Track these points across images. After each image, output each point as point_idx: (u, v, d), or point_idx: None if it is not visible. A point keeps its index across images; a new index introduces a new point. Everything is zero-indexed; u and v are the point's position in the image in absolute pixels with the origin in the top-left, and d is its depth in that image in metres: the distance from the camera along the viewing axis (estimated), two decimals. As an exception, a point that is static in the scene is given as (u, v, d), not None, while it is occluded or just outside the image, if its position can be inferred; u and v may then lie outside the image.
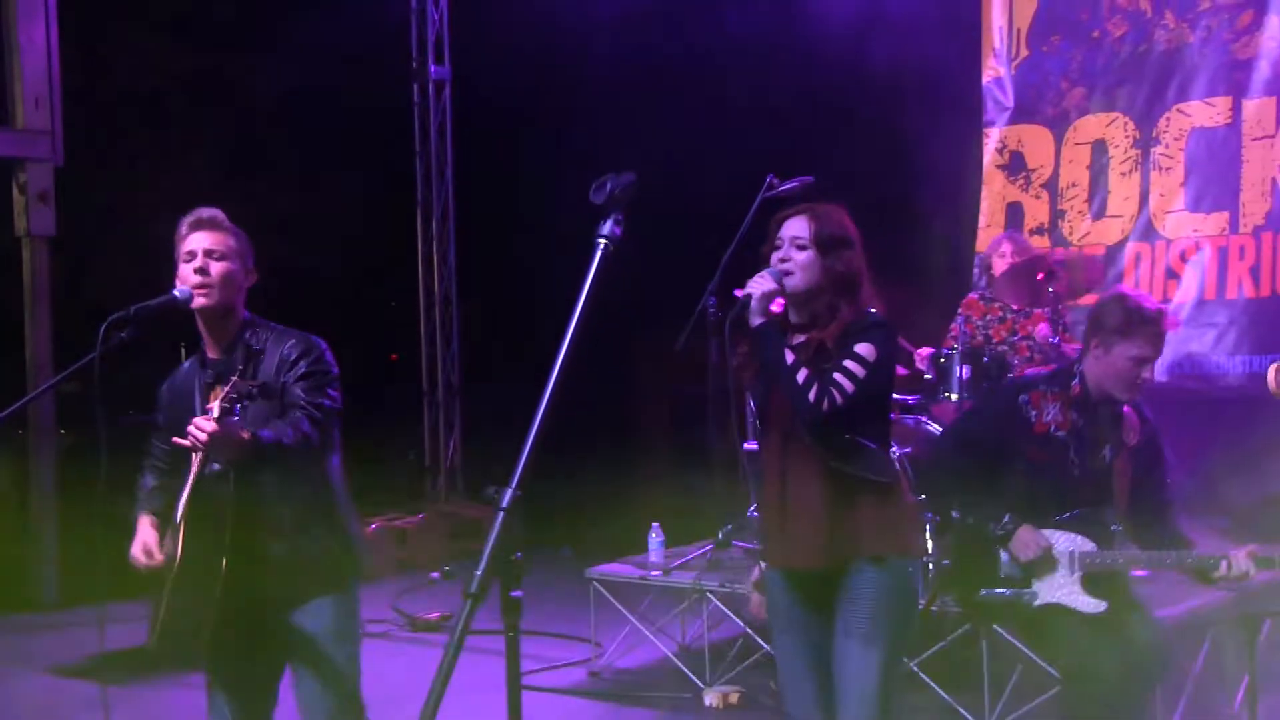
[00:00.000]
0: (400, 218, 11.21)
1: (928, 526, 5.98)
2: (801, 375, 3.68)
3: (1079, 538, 4.48)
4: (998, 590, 4.58)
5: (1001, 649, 5.66)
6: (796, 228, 3.81)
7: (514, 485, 2.42)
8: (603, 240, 2.66)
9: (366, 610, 3.97)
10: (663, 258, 9.93)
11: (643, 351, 10.88)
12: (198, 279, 3.87)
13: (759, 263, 3.91)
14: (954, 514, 4.65)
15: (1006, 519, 4.50)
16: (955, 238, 10.03)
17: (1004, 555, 4.53)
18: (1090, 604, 4.47)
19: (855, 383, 3.67)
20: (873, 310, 3.80)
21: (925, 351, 6.92)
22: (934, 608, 5.72)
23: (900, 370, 6.63)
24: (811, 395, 3.65)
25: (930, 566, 5.77)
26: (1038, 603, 4.51)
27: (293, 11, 9.87)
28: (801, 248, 3.78)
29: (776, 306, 3.83)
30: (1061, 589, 4.48)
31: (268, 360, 3.88)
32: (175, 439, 3.69)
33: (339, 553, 3.99)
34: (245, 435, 3.65)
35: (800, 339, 3.82)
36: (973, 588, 4.65)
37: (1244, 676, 5.19)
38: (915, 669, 5.77)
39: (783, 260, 3.79)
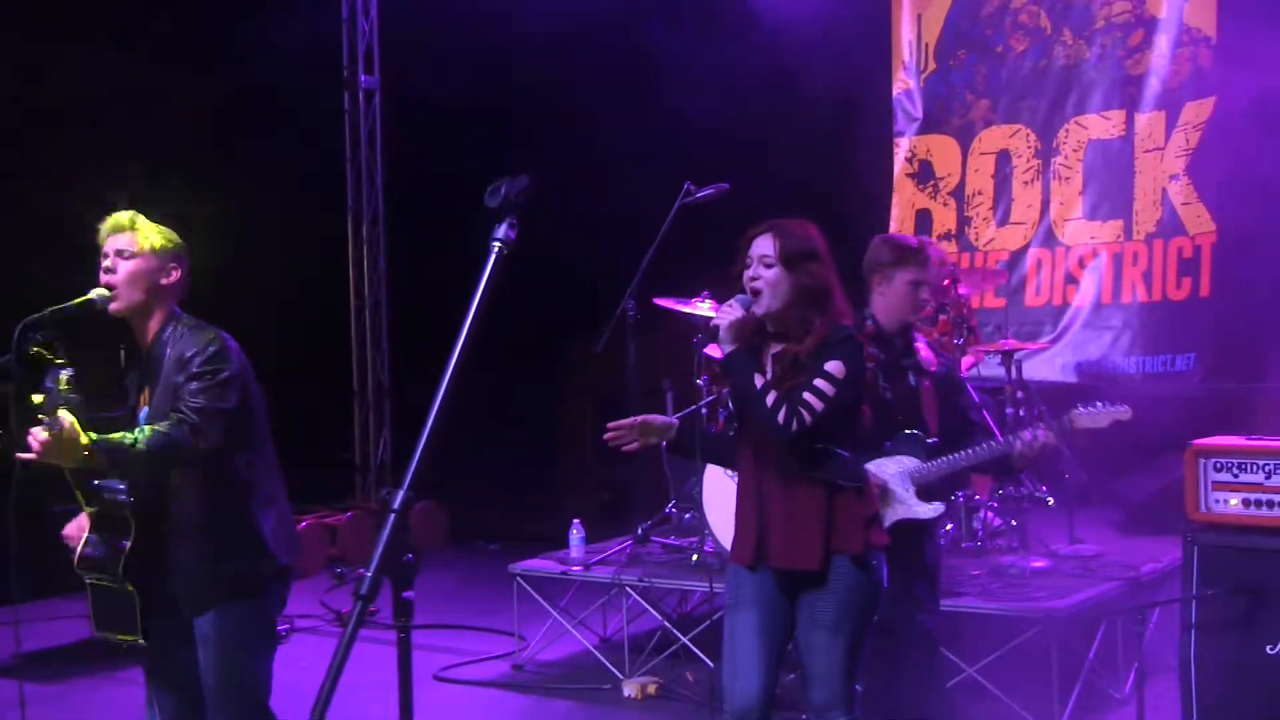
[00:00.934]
0: (334, 223, 11.10)
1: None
2: (770, 399, 3.74)
3: (904, 458, 4.75)
4: None
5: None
6: (763, 246, 3.83)
7: (406, 487, 2.38)
8: (497, 244, 2.61)
9: (295, 606, 3.90)
10: (585, 262, 9.95)
11: (568, 353, 10.88)
12: (106, 279, 3.82)
13: (677, 265, 3.92)
14: None
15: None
16: (867, 244, 10.08)
17: None
18: (929, 509, 4.76)
19: (824, 400, 3.72)
20: (845, 323, 3.84)
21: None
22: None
23: None
24: (780, 417, 3.71)
25: None
26: (887, 524, 4.65)
27: (226, 22, 9.75)
28: (769, 265, 3.81)
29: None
30: (903, 505, 4.75)
31: (170, 358, 3.80)
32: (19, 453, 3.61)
33: (247, 555, 3.86)
34: (84, 442, 3.53)
35: (777, 349, 3.87)
36: None
37: (1134, 663, 5.27)
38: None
39: (752, 279, 3.83)
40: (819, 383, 3.73)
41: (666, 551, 6.86)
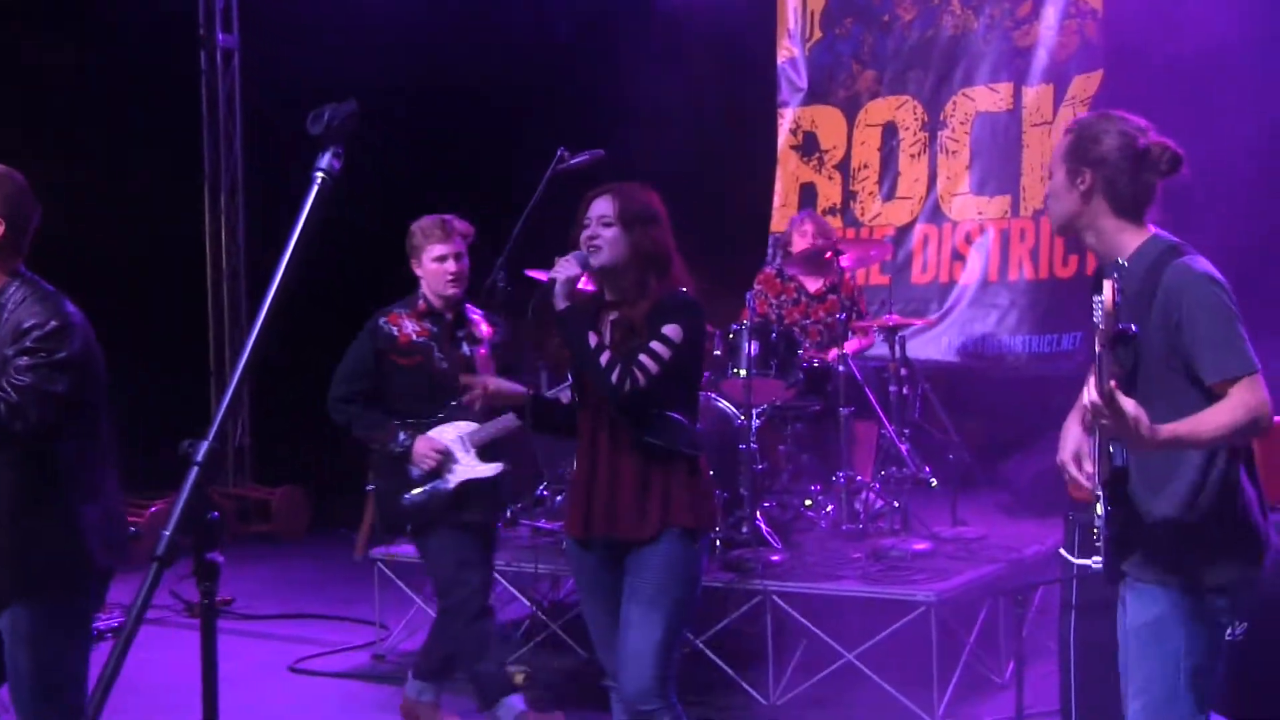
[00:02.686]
0: (190, 192, 10.81)
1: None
2: (604, 358, 3.82)
3: (461, 423, 5.19)
4: (416, 491, 5.21)
5: (786, 625, 5.70)
6: (602, 207, 3.94)
7: (211, 438, 2.23)
8: (320, 174, 2.45)
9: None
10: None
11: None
12: None
13: (549, 235, 3.95)
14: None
15: (403, 438, 5.16)
16: (750, 217, 10.09)
17: (412, 469, 5.20)
18: (489, 469, 5.21)
19: (660, 364, 3.81)
20: (684, 290, 3.94)
21: None
22: (717, 584, 5.75)
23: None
24: (614, 377, 3.79)
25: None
26: (452, 486, 5.19)
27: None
28: (607, 225, 3.91)
29: (589, 287, 4.01)
30: (465, 467, 5.18)
31: (6, 324, 3.59)
32: None
33: (59, 550, 3.65)
34: None
35: (613, 315, 3.95)
36: (397, 497, 5.23)
37: (1014, 647, 5.29)
38: (701, 647, 5.76)
39: (590, 238, 3.90)
40: (655, 345, 3.83)
41: (537, 535, 6.77)
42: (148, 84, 9.91)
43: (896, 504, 6.80)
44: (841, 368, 6.76)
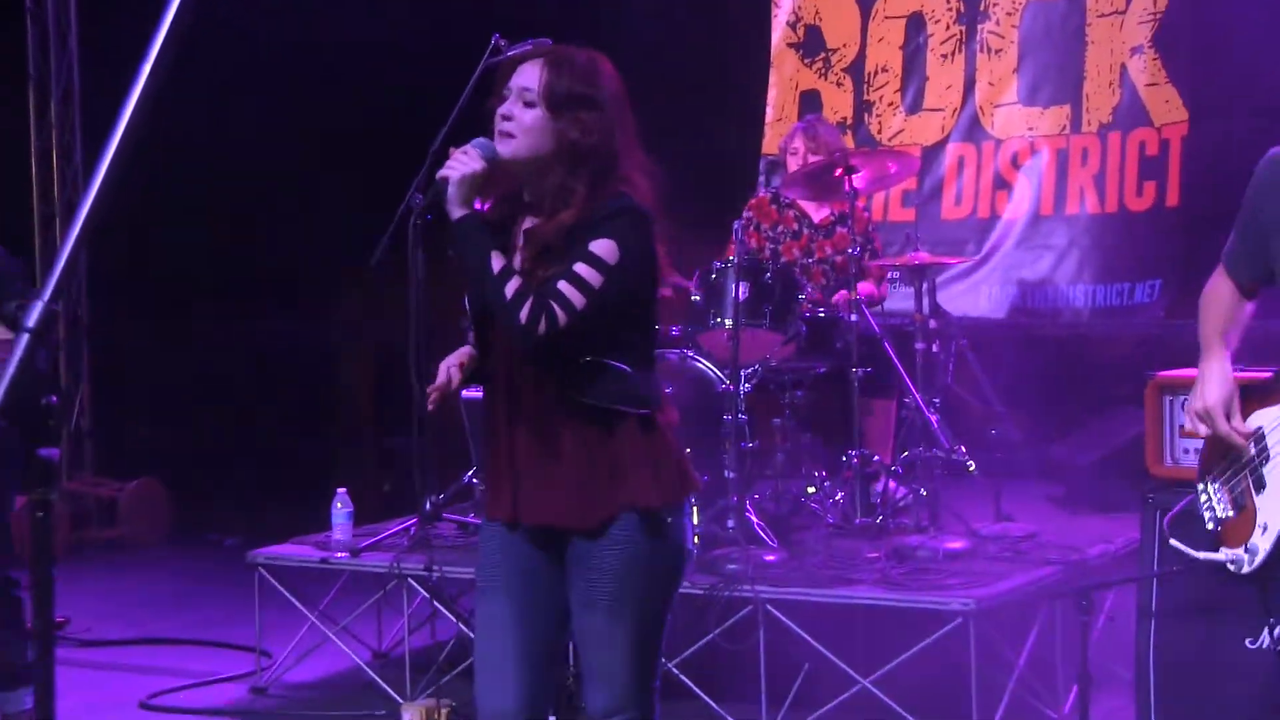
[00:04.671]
0: (11, 97, 10.75)
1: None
2: (511, 287, 3.60)
3: None
4: None
5: (783, 642, 5.72)
6: (528, 77, 3.71)
7: (46, 299, 2.20)
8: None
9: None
10: (358, 154, 9.75)
11: (337, 282, 10.68)
12: None
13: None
14: None
15: None
16: (735, 136, 10.09)
17: None
18: None
19: (587, 294, 3.61)
20: (622, 192, 3.72)
21: None
22: (697, 592, 5.76)
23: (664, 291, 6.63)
24: (523, 315, 3.60)
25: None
26: None
27: None
28: (529, 104, 3.70)
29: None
30: None
31: None
32: None
33: None
34: None
35: (531, 224, 3.76)
36: None
37: (1076, 671, 5.32)
38: (675, 671, 5.77)
39: (504, 118, 3.70)
40: (580, 268, 3.62)
41: (464, 532, 6.79)
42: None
43: (924, 492, 6.83)
44: (854, 317, 6.78)
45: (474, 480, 7.26)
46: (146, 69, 2.33)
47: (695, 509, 5.79)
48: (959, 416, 7.59)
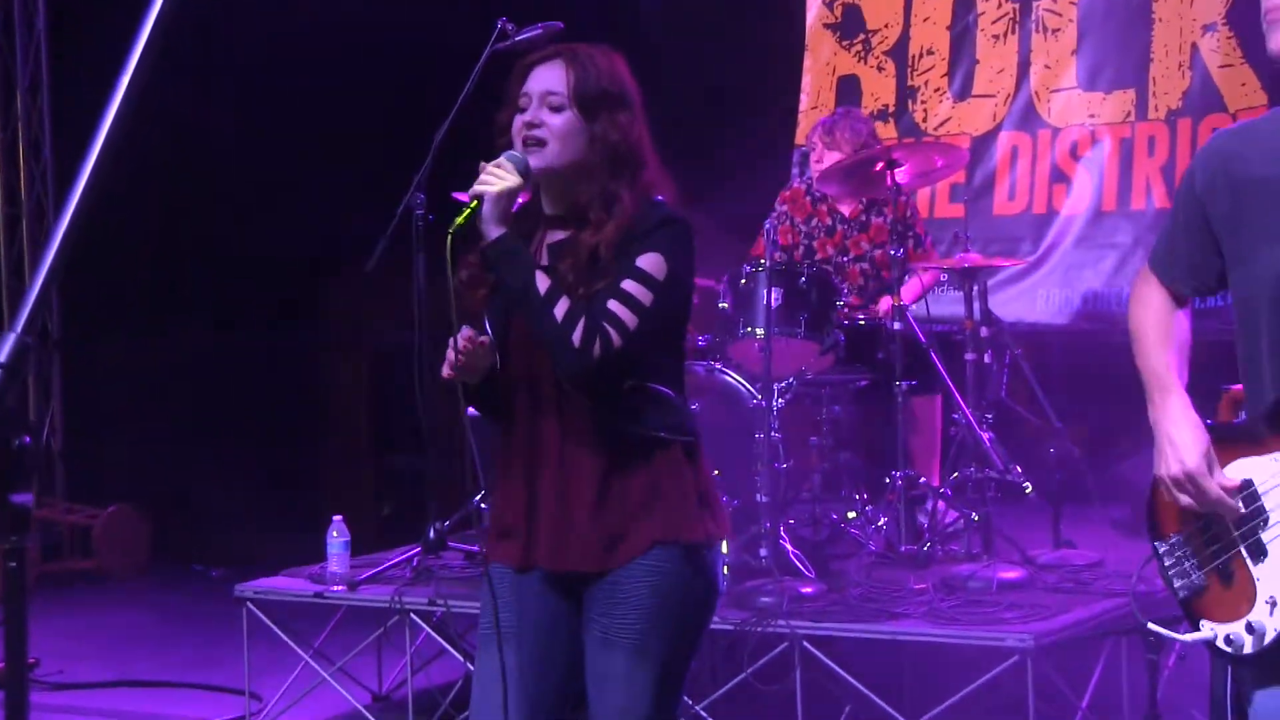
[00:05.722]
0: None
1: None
2: (560, 310, 3.61)
3: None
4: None
5: (821, 683, 5.74)
6: (549, 79, 3.73)
7: (20, 330, 2.22)
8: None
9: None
10: (353, 147, 9.81)
11: (332, 290, 10.74)
12: None
13: (485, 143, 3.82)
14: None
15: None
16: (767, 126, 10.12)
17: None
18: None
19: (640, 313, 3.63)
20: (660, 199, 3.75)
21: None
22: (727, 627, 5.78)
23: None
24: (577, 337, 3.59)
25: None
26: None
27: None
28: (557, 108, 3.71)
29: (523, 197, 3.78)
30: None
31: None
32: None
33: None
34: None
35: (557, 237, 3.78)
36: None
37: (1145, 712, 5.35)
38: (704, 715, 5.80)
39: (531, 125, 3.71)
40: (629, 285, 3.64)
41: (471, 563, 6.81)
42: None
43: (975, 517, 6.85)
44: (897, 324, 6.79)
45: (483, 505, 7.29)
46: (126, 76, 2.34)
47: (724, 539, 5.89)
48: (1013, 433, 7.59)
